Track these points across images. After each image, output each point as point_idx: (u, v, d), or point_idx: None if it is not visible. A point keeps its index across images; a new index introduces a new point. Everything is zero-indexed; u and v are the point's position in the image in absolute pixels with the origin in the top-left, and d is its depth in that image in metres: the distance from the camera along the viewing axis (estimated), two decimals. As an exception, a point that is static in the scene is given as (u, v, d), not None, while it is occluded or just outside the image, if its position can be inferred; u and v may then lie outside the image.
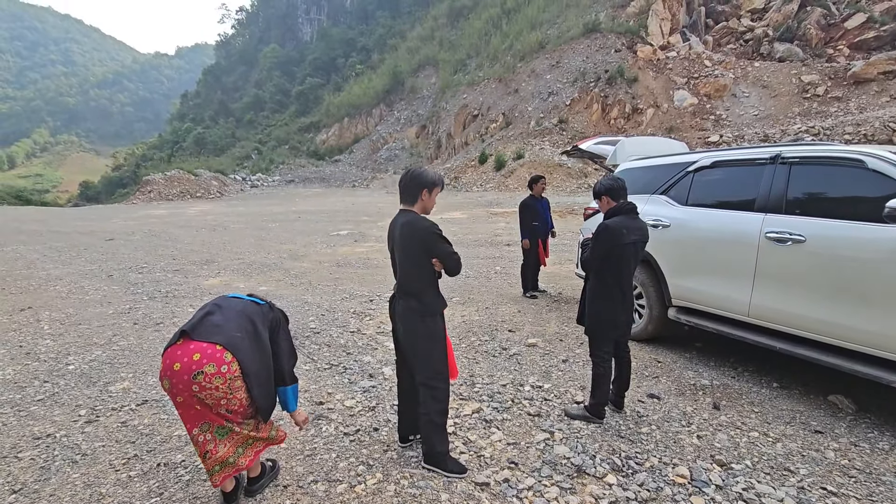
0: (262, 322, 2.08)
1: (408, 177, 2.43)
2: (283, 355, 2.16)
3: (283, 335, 2.21)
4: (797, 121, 30.08)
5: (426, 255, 2.34)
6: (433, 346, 2.41)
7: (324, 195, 30.46)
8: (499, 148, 33.99)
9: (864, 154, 3.03)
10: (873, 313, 2.81)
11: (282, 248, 10.24)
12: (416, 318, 2.38)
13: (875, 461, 2.55)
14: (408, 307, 2.40)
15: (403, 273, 2.42)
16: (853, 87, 30.75)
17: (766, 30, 36.67)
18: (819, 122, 28.61)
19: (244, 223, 15.20)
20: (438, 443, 2.44)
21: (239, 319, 2.00)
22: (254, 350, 1.96)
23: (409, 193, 2.40)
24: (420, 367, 2.44)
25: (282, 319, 2.25)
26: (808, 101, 31.42)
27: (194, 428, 1.91)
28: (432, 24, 62.54)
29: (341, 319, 5.12)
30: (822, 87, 31.53)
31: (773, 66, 34.58)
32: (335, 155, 51.71)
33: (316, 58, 71.88)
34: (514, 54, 44.63)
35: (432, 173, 2.45)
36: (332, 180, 41.89)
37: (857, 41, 33.08)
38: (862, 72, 30.49)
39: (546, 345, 4.36)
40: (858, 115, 27.91)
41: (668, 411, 3.12)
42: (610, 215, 2.91)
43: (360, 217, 16.36)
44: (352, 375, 3.65)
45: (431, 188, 2.42)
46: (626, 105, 34.24)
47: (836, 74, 31.71)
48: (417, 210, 2.42)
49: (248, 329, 1.99)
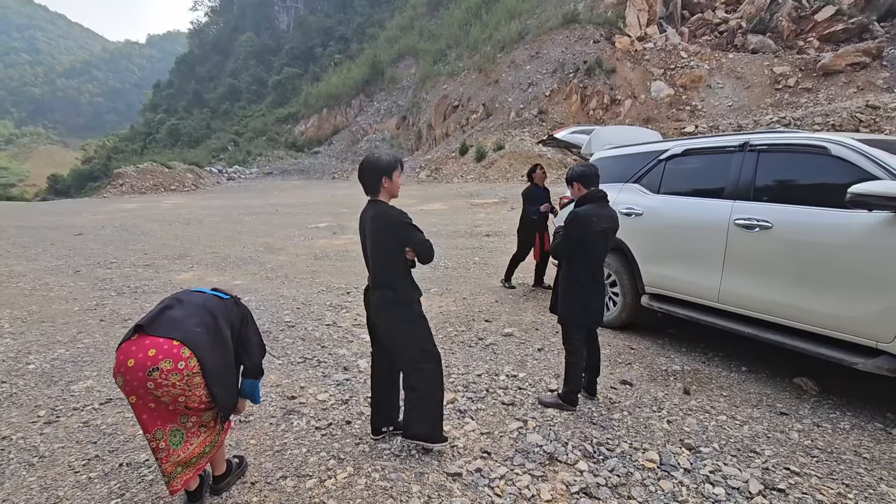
0: (225, 317, 2.02)
1: (363, 168, 2.40)
2: (254, 351, 2.10)
3: (252, 329, 2.15)
4: (769, 111, 30.69)
5: (398, 245, 2.34)
6: (414, 329, 2.41)
7: (303, 188, 30.02)
8: (479, 139, 33.93)
9: (828, 141, 3.08)
10: (838, 297, 2.88)
11: (258, 241, 10.06)
12: (393, 308, 2.38)
13: (836, 441, 2.62)
14: (383, 298, 2.39)
15: (376, 264, 2.40)
16: (822, 78, 31.48)
17: (739, 21, 37.21)
18: (790, 112, 29.24)
19: (220, 216, 14.88)
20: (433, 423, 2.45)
21: (199, 314, 1.93)
22: (214, 346, 1.89)
23: (369, 184, 2.39)
24: (404, 354, 2.42)
25: (248, 314, 2.18)
26: (779, 91, 32.07)
27: (149, 432, 1.83)
28: (411, 14, 61.79)
29: (317, 312, 5.05)
30: (793, 78, 32.20)
31: (747, 58, 35.17)
32: (314, 146, 50.93)
33: (293, 47, 70.41)
34: (493, 45, 44.45)
35: (386, 157, 2.40)
36: (311, 172, 41.30)
37: (826, 33, 33.78)
38: (831, 63, 31.21)
39: (522, 334, 4.37)
40: (827, 106, 28.60)
41: (639, 397, 3.16)
42: (580, 203, 2.91)
43: (340, 209, 16.16)
44: (326, 369, 3.60)
45: (390, 173, 2.38)
46: (605, 96, 34.48)
47: (806, 66, 32.41)
48: (384, 198, 2.40)
49: (209, 324, 1.92)
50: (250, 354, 2.09)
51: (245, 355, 2.09)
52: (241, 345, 2.08)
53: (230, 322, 2.05)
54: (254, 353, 2.11)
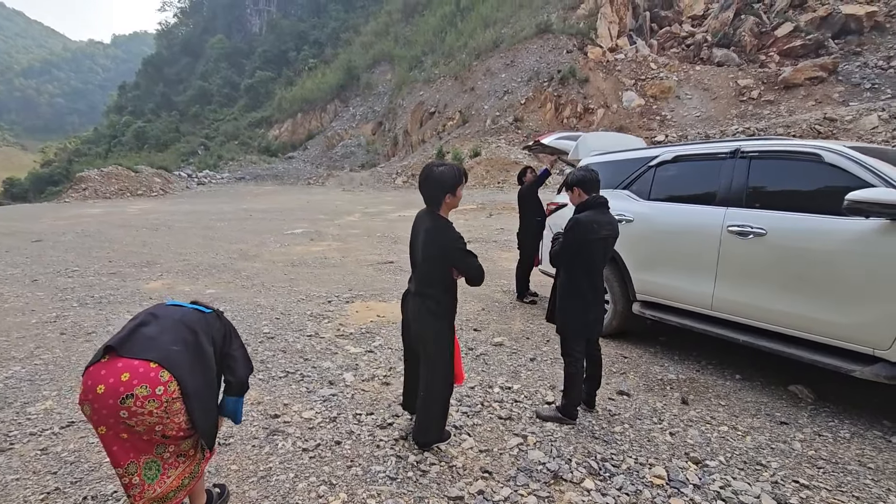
0: (207, 333, 1.82)
1: (426, 180, 2.35)
2: (239, 366, 1.91)
3: (236, 343, 1.96)
4: (735, 122, 31.78)
5: (448, 263, 2.37)
6: (442, 349, 2.44)
7: (277, 193, 29.39)
8: (456, 145, 34.01)
9: (821, 148, 3.09)
10: (834, 305, 2.87)
11: (231, 248, 9.69)
12: (431, 319, 2.40)
13: (839, 450, 2.58)
14: (423, 307, 2.41)
15: (422, 274, 2.41)
16: (783, 91, 32.86)
17: (705, 35, 38.57)
18: (754, 123, 30.37)
19: (190, 222, 14.34)
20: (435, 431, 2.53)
21: (178, 330, 1.73)
22: (195, 366, 1.70)
23: (431, 197, 2.36)
24: (430, 365, 2.46)
25: (231, 328, 1.99)
26: (744, 103, 33.29)
27: (120, 465, 1.62)
28: (386, 20, 61.72)
29: (297, 323, 4.82)
30: (756, 90, 33.50)
31: (713, 70, 36.44)
32: (288, 151, 50.07)
33: (266, 50, 69.28)
34: (469, 52, 44.77)
35: (451, 171, 2.34)
36: (285, 177, 40.54)
37: (785, 48, 35.33)
38: (791, 77, 32.65)
39: (513, 343, 4.26)
40: (788, 118, 29.82)
41: (638, 408, 3.08)
42: (581, 209, 2.82)
43: (316, 215, 15.82)
44: (310, 384, 3.40)
45: (455, 188, 2.36)
46: (578, 105, 35.09)
47: (768, 79, 33.77)
48: (443, 212, 2.39)
49: (189, 340, 1.73)
50: (234, 370, 1.91)
51: (229, 372, 1.90)
52: (225, 361, 1.90)
53: (212, 338, 1.85)
54: (238, 368, 1.93)
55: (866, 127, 25.19)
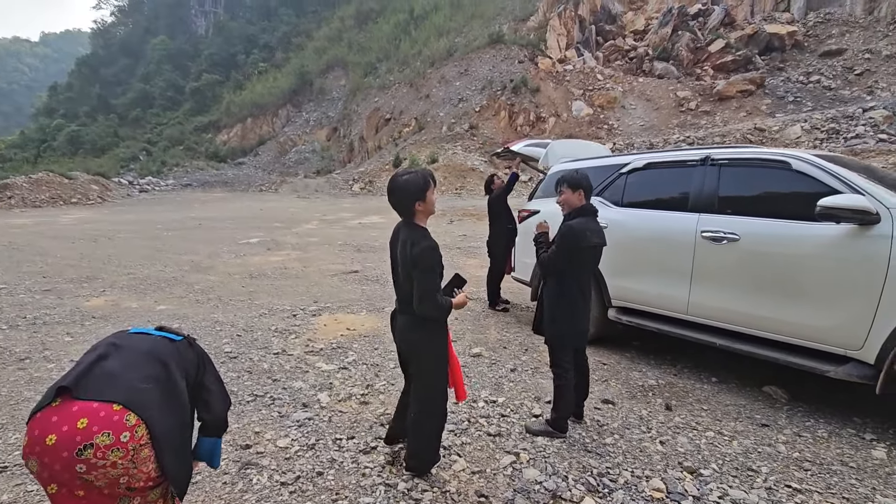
0: (179, 364, 1.59)
1: (392, 191, 2.23)
2: (216, 401, 1.69)
3: (212, 376, 1.74)
4: (676, 131, 33.55)
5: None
6: (436, 365, 2.30)
7: (227, 200, 28.17)
8: (412, 152, 33.88)
9: (789, 156, 3.20)
10: (807, 307, 2.96)
11: (182, 259, 9.10)
12: (419, 336, 2.25)
13: (821, 451, 2.64)
14: (411, 323, 2.26)
15: (404, 289, 2.26)
16: (718, 102, 35.07)
17: (646, 49, 40.64)
18: (693, 132, 32.16)
19: (133, 232, 13.42)
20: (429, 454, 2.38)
21: (146, 364, 1.50)
22: (167, 405, 1.47)
23: (401, 209, 2.24)
24: (421, 387, 2.32)
25: (205, 357, 1.77)
26: (683, 114, 35.26)
27: None
28: (339, 26, 60.99)
29: (262, 339, 4.52)
30: (694, 101, 35.59)
31: (655, 82, 38.39)
32: (238, 157, 48.27)
33: (213, 53, 66.63)
34: (423, 60, 44.92)
35: (416, 178, 2.21)
36: (235, 184, 38.97)
37: (718, 63, 37.80)
38: (724, 90, 34.96)
39: (491, 353, 4.17)
40: (723, 128, 31.79)
41: (625, 417, 3.05)
42: (573, 216, 2.77)
43: (272, 223, 15.22)
44: (282, 407, 3.16)
45: (423, 195, 2.21)
46: (531, 113, 35.92)
47: (704, 91, 35.96)
48: (420, 221, 2.26)
49: (159, 376, 1.50)
50: (210, 406, 1.69)
51: (203, 408, 1.68)
52: (199, 396, 1.67)
53: (185, 369, 1.63)
54: (215, 404, 1.71)
55: (791, 137, 27.22)
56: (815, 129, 28.26)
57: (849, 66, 35.04)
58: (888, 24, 36.36)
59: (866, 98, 31.56)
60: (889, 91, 31.62)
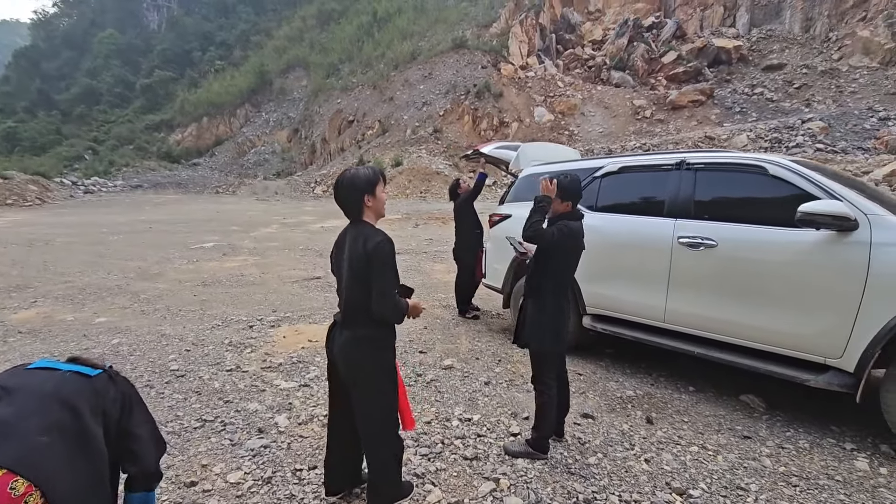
0: (94, 407, 1.29)
1: (338, 186, 2.00)
2: (145, 450, 1.39)
3: (140, 417, 1.43)
4: (632, 138, 34.65)
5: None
6: (386, 385, 2.00)
7: (181, 202, 26.84)
8: (376, 155, 33.48)
9: (765, 161, 3.16)
10: (786, 315, 2.91)
11: (128, 265, 8.45)
12: (367, 351, 1.95)
13: (805, 463, 2.58)
14: (354, 338, 1.96)
15: (352, 297, 1.97)
16: (672, 111, 36.52)
17: (604, 59, 41.89)
18: (649, 139, 33.31)
19: (75, 236, 12.46)
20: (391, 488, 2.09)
21: (47, 410, 1.19)
22: (74, 461, 1.17)
23: (348, 206, 1.99)
24: (368, 411, 2.00)
25: (132, 393, 1.45)
26: (639, 121, 36.51)
27: None
28: (300, 25, 59.73)
29: (214, 355, 4.14)
30: (649, 110, 36.93)
31: (612, 91, 39.59)
32: (193, 157, 46.30)
33: (166, 49, 63.77)
34: (387, 63, 44.58)
35: (365, 171, 2.01)
36: (190, 186, 37.27)
37: (671, 74, 39.42)
38: (677, 100, 36.48)
39: (463, 365, 3.96)
40: (677, 136, 33.10)
41: (606, 433, 2.91)
42: (566, 218, 2.61)
43: (228, 227, 14.50)
44: (234, 433, 2.83)
45: (373, 188, 1.98)
46: (494, 118, 36.22)
47: (658, 101, 37.38)
48: (369, 219, 2.00)
49: (65, 425, 1.19)
50: (137, 457, 1.38)
51: (129, 459, 1.37)
52: (123, 444, 1.37)
53: (103, 412, 1.32)
54: (143, 452, 1.40)
55: (738, 145, 28.58)
56: (760, 138, 29.81)
57: (788, 79, 37.26)
58: (822, 41, 38.93)
59: (805, 110, 33.60)
60: (825, 104, 33.81)
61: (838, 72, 36.21)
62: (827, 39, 39.01)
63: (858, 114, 30.66)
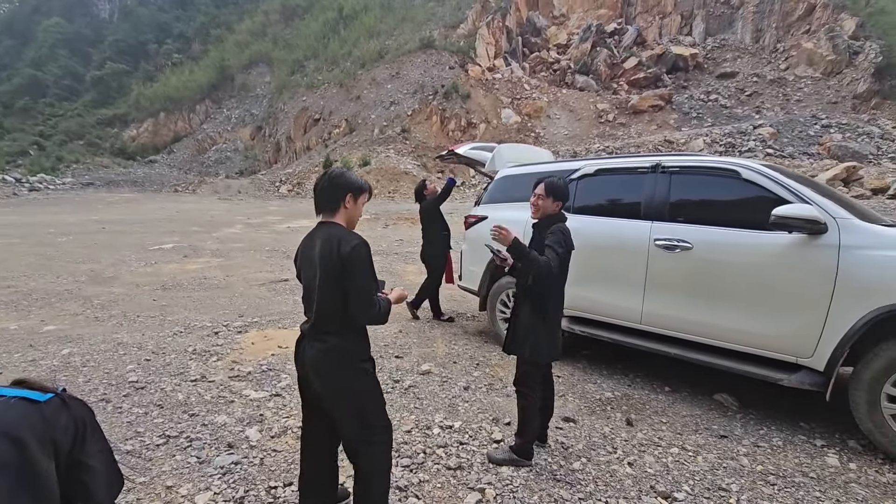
0: (42, 438, 1.11)
1: (326, 179, 1.90)
2: (98, 484, 1.22)
3: (95, 446, 1.25)
4: (596, 141, 35.56)
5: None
6: (368, 395, 1.88)
7: (137, 201, 25.61)
8: (344, 154, 33.00)
9: (738, 165, 3.23)
10: (760, 316, 2.97)
11: (79, 268, 7.94)
12: (344, 364, 1.82)
13: (780, 461, 2.63)
14: (327, 350, 1.81)
15: (324, 304, 1.81)
16: (633, 115, 37.69)
17: (569, 62, 42.80)
18: (611, 142, 34.26)
19: (18, 237, 11.64)
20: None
21: None
22: (18, 501, 1.01)
23: (328, 199, 1.87)
24: (353, 426, 1.86)
25: (87, 419, 1.27)
26: (602, 125, 37.50)
27: None
28: (263, 20, 58.25)
29: (176, 364, 3.91)
30: (612, 114, 37.99)
31: (576, 94, 40.49)
32: (150, 154, 44.42)
33: (119, 40, 60.78)
34: (354, 61, 44.05)
35: (353, 175, 1.93)
36: (147, 184, 35.67)
37: (632, 79, 40.72)
38: (638, 104, 37.68)
39: (441, 370, 3.88)
40: (638, 139, 34.17)
41: (588, 436, 2.90)
42: (555, 220, 2.58)
43: (189, 227, 13.91)
44: (201, 450, 2.65)
45: (358, 193, 1.89)
46: (462, 119, 36.37)
47: (620, 105, 38.51)
48: (342, 221, 1.88)
49: (7, 461, 1.03)
50: (89, 490, 1.18)
51: (79, 493, 1.18)
52: (76, 476, 1.19)
53: (53, 443, 1.14)
54: (96, 487, 1.21)
55: (695, 149, 29.77)
56: (715, 142, 31.16)
57: (740, 87, 39.14)
58: (771, 52, 41.06)
59: (755, 116, 35.38)
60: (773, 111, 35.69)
61: (785, 81, 38.29)
62: (775, 50, 41.16)
63: (804, 121, 32.48)
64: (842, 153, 26.39)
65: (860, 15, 37.30)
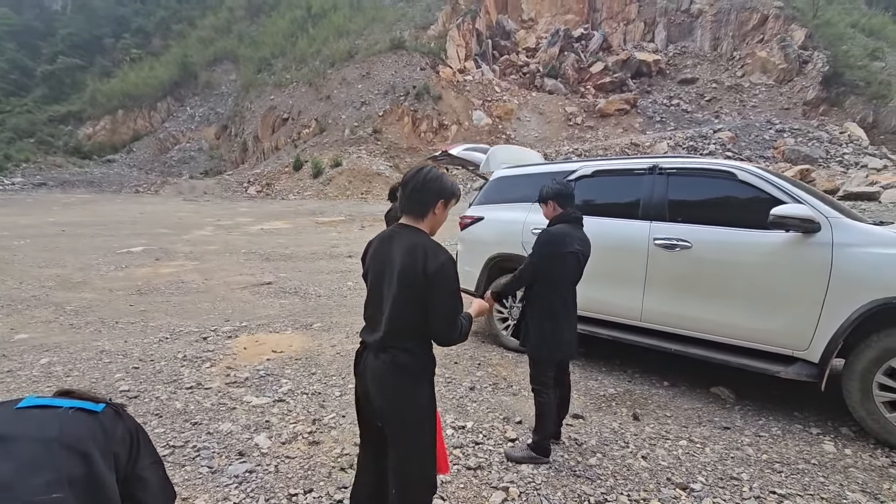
0: (105, 450, 1.04)
1: (419, 179, 1.69)
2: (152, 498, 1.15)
3: (147, 458, 1.17)
4: (565, 143, 36.25)
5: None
6: (426, 423, 1.73)
7: (96, 202, 24.41)
8: (314, 154, 32.41)
9: (734, 167, 3.36)
10: (757, 311, 3.10)
11: (43, 273, 7.50)
12: (404, 383, 1.66)
13: (783, 450, 2.75)
14: (394, 364, 1.66)
15: (398, 316, 1.65)
16: (600, 119, 38.64)
17: (537, 66, 43.48)
18: (580, 145, 35.01)
19: (-33, 241, 10.90)
20: None
21: (54, 459, 0.96)
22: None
23: (417, 203, 1.70)
24: (405, 445, 1.71)
25: (138, 432, 1.20)
26: (571, 127, 38.27)
27: None
28: (228, 16, 56.64)
29: (168, 371, 3.75)
30: (580, 117, 38.82)
31: (546, 97, 41.17)
32: (107, 153, 42.44)
33: (72, 33, 57.83)
34: (323, 60, 43.34)
35: (450, 181, 1.75)
36: (105, 184, 34.06)
37: (599, 83, 41.73)
38: (605, 108, 38.66)
39: (443, 371, 3.87)
40: (605, 142, 35.06)
41: (599, 432, 2.95)
42: (554, 223, 2.61)
43: (156, 229, 13.37)
44: (211, 459, 2.56)
45: (449, 199, 1.73)
46: (434, 120, 36.37)
47: (588, 108, 39.41)
48: (426, 228, 1.73)
49: (77, 476, 0.96)
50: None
51: None
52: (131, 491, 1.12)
53: (114, 456, 1.08)
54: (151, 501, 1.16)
55: (659, 152, 30.83)
56: (679, 146, 32.29)
57: (700, 93, 40.74)
58: (728, 59, 42.91)
59: (715, 121, 36.87)
60: (731, 116, 37.32)
61: (742, 87, 40.06)
62: (732, 58, 42.98)
63: (759, 126, 34.06)
64: (795, 156, 27.83)
65: (808, 26, 39.38)
